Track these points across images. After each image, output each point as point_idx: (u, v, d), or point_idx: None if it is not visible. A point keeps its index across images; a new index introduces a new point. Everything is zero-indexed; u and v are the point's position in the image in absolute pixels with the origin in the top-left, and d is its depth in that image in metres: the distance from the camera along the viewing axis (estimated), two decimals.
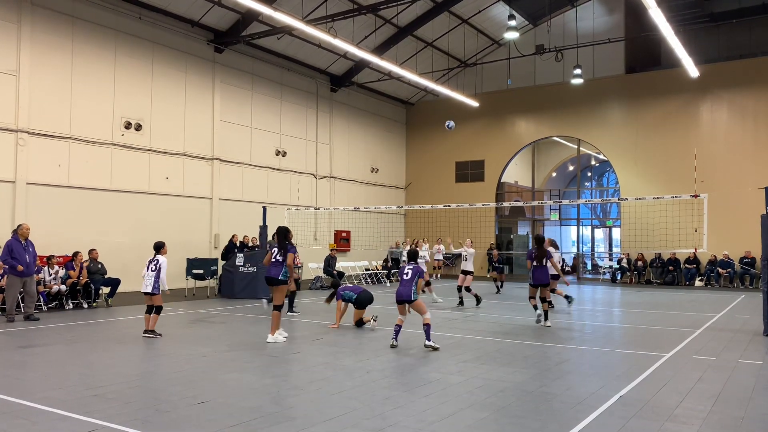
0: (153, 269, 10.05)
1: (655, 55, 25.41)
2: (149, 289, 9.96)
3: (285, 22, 16.67)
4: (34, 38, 15.44)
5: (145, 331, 9.96)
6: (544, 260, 11.67)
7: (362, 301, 11.21)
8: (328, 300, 12.06)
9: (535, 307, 11.77)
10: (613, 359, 8.55)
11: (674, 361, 8.32)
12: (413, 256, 9.84)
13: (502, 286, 19.24)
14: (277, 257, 9.55)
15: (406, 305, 9.20)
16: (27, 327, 10.95)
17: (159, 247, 10.37)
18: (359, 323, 11.18)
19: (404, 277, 9.24)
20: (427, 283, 15.98)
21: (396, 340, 9.13)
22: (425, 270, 15.04)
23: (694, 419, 5.62)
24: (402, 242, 24.83)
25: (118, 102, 17.33)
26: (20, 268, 11.60)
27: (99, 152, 16.83)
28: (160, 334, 9.95)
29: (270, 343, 9.31)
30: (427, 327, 8.91)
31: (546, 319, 11.54)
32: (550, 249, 13.49)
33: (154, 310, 10.02)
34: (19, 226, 12.12)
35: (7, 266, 11.74)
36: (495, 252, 20.00)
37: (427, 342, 8.88)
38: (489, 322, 12.15)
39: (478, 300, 15.00)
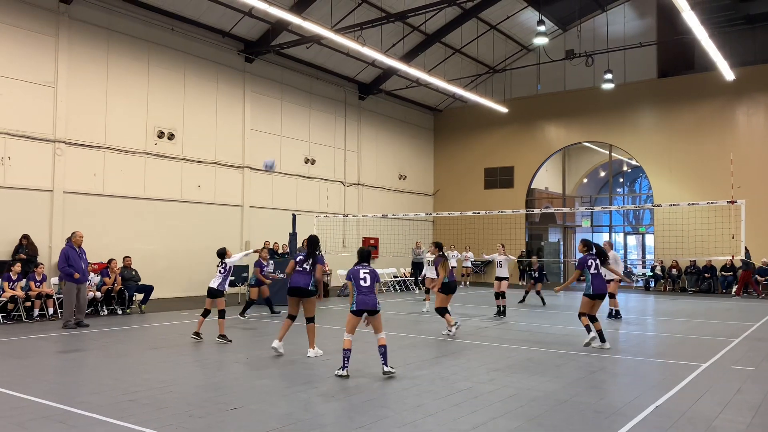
0: (221, 271, 10.32)
1: (689, 58, 24.97)
2: (214, 285, 10.18)
3: (314, 31, 16.82)
4: (71, 51, 15.86)
5: (194, 333, 10.23)
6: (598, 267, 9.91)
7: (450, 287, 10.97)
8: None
9: (588, 328, 9.72)
10: (647, 368, 8.37)
11: (712, 371, 8.12)
12: (366, 256, 8.13)
13: (535, 297, 17.48)
14: (305, 266, 8.87)
15: (365, 316, 7.72)
16: (65, 333, 11.19)
17: (222, 254, 10.56)
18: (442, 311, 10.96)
19: (362, 283, 7.70)
20: (427, 291, 15.64)
21: (346, 369, 7.56)
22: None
23: (734, 431, 5.47)
24: (423, 244, 24.07)
25: (151, 112, 17.68)
26: (76, 275, 11.86)
27: (133, 161, 17.17)
28: (230, 340, 10.10)
29: (311, 357, 8.74)
30: (383, 348, 7.59)
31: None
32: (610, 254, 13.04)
33: (219, 314, 10.20)
34: (72, 233, 12.24)
35: (64, 274, 11.94)
36: (534, 259, 18.21)
37: (385, 368, 7.52)
38: (520, 331, 12.03)
39: (502, 311, 14.22)
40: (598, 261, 9.71)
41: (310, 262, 8.87)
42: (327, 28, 17.07)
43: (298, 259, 9.02)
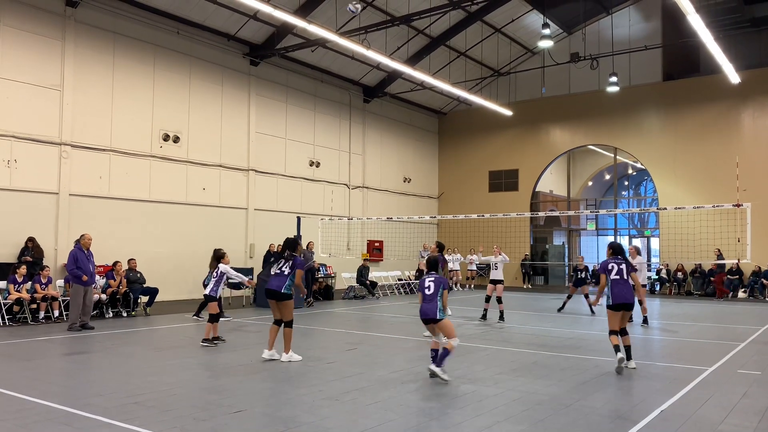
0: (214, 276, 10.40)
1: (694, 61, 24.88)
2: (206, 291, 10.34)
3: (319, 34, 16.86)
4: (78, 54, 15.93)
5: (204, 340, 10.06)
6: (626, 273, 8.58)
7: None
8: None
9: (617, 348, 8.40)
10: (653, 372, 8.33)
11: (717, 375, 8.08)
12: (433, 264, 8.15)
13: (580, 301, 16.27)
14: (282, 269, 8.71)
15: (433, 326, 7.74)
16: (70, 335, 11.22)
17: (220, 257, 10.52)
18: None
19: (426, 291, 7.75)
20: None
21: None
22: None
23: None
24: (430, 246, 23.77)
25: (156, 115, 17.75)
26: (85, 278, 11.89)
27: (138, 164, 17.23)
28: (215, 344, 10.02)
29: (285, 362, 8.55)
30: (444, 352, 7.46)
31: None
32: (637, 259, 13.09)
33: (208, 318, 10.16)
34: (81, 236, 12.27)
35: (72, 276, 11.95)
36: (581, 258, 16.86)
37: (431, 366, 7.50)
38: (524, 334, 12.00)
39: (502, 316, 13.84)
40: (623, 266, 8.54)
41: (290, 264, 8.71)
42: (332, 31, 17.11)
43: (279, 261, 8.86)
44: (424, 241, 24.79)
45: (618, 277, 8.50)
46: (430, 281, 7.79)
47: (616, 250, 8.82)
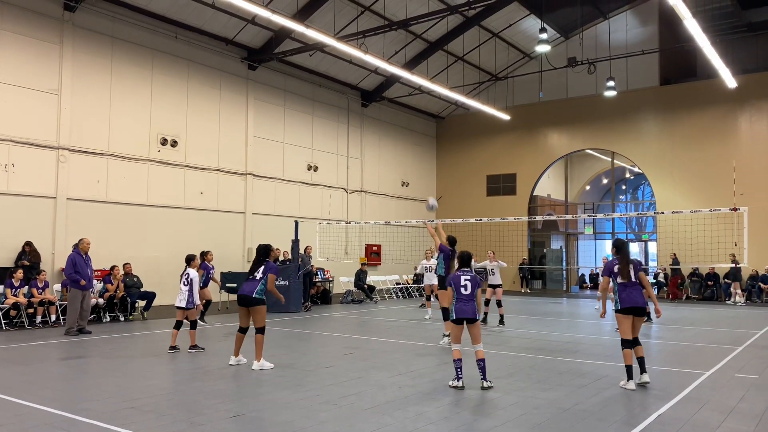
0: (185, 284, 9.93)
1: (691, 66, 24.99)
2: (182, 304, 9.86)
3: (317, 39, 16.90)
4: (76, 58, 15.94)
5: (191, 347, 9.88)
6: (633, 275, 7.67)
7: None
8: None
9: (629, 371, 7.59)
10: (650, 376, 8.33)
11: (715, 379, 8.09)
12: (467, 261, 7.73)
13: None
14: (255, 274, 8.68)
15: (465, 326, 7.42)
16: (67, 339, 11.20)
17: (189, 260, 10.25)
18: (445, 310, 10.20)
19: (462, 291, 7.38)
20: (428, 298, 15.60)
21: (461, 380, 7.36)
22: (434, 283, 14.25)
23: None
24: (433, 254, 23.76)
25: (154, 119, 17.75)
26: (83, 282, 11.88)
27: (136, 168, 17.22)
28: (203, 348, 9.97)
29: (256, 370, 8.38)
30: (482, 363, 7.32)
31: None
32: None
33: (190, 325, 10.03)
34: (80, 240, 12.26)
35: (70, 280, 11.92)
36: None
37: (484, 383, 7.27)
38: (522, 338, 12.00)
39: (502, 319, 13.77)
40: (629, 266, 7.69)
41: (261, 270, 8.67)
42: (330, 35, 17.14)
43: (253, 268, 8.85)
44: (421, 245, 24.77)
45: (626, 279, 7.68)
46: (466, 280, 7.42)
47: (619, 248, 7.87)
